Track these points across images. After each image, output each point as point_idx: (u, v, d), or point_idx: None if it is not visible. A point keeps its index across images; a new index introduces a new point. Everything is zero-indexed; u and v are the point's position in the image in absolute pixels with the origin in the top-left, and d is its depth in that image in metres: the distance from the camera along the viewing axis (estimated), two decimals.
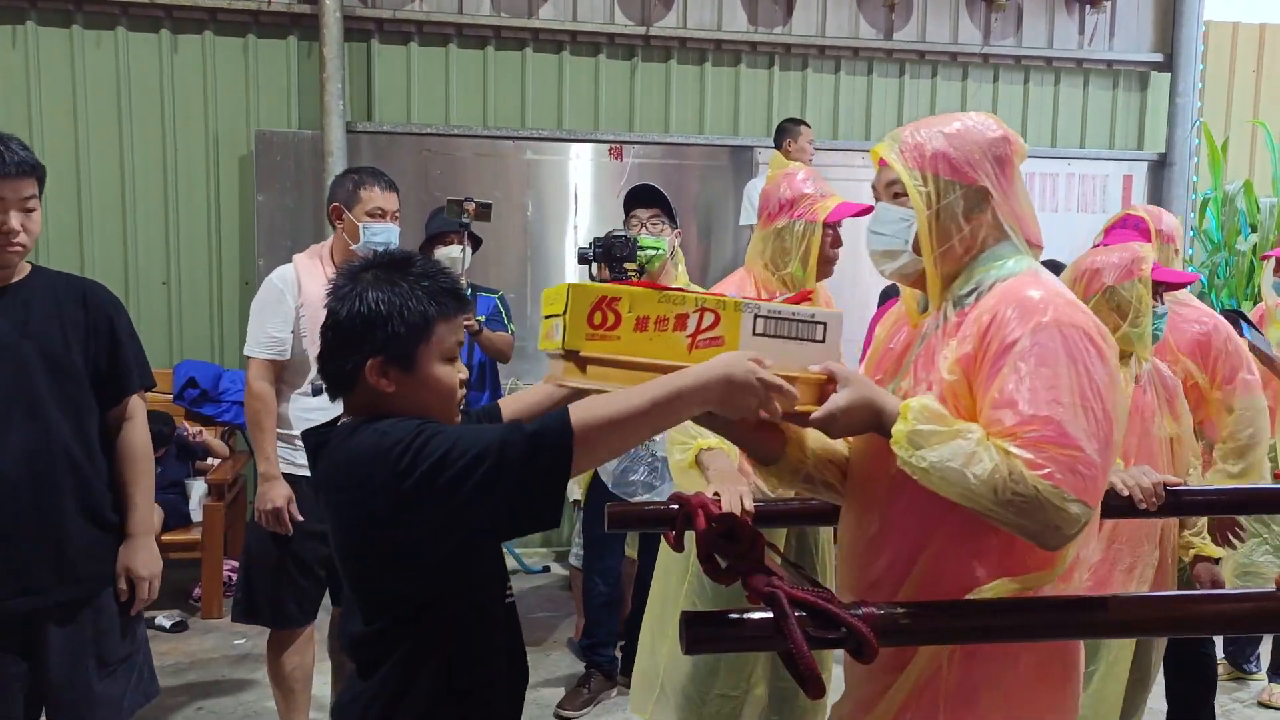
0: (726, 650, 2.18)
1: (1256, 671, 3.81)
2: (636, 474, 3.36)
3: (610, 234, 3.14)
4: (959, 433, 1.42)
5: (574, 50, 5.15)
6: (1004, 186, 1.58)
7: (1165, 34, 5.80)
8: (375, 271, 1.49)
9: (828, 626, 1.41)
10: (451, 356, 1.52)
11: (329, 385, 1.53)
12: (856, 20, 5.44)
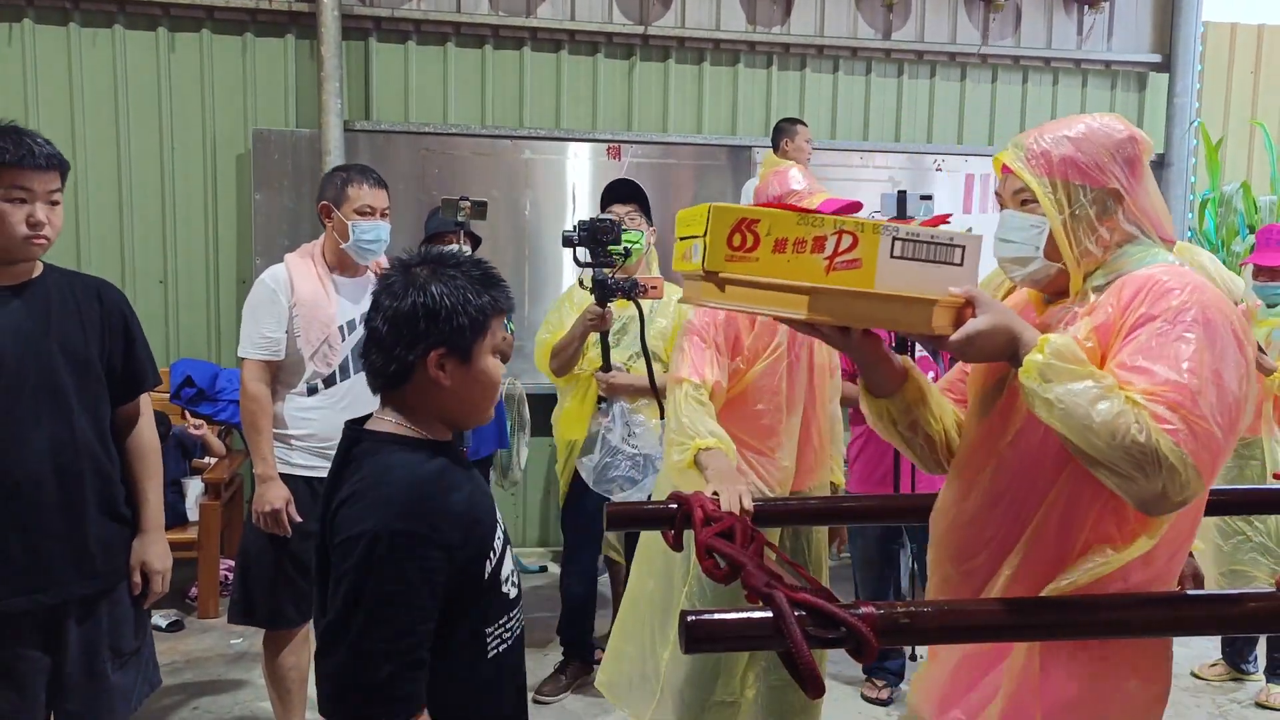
0: (725, 650, 2.17)
1: (1254, 672, 3.82)
2: (618, 470, 3.34)
3: (595, 218, 3.15)
4: (1092, 374, 1.41)
5: (572, 50, 5.14)
6: (1133, 186, 1.59)
7: (1163, 34, 5.80)
8: (430, 265, 1.52)
9: (827, 626, 1.41)
10: (499, 350, 1.56)
11: (378, 379, 1.54)
12: (855, 20, 5.44)
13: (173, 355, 4.80)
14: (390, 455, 1.49)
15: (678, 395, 2.37)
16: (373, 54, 4.95)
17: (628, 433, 3.33)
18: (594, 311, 3.21)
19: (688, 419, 2.31)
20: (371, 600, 1.39)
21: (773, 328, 2.53)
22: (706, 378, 2.40)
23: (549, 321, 3.53)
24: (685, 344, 2.48)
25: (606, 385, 3.34)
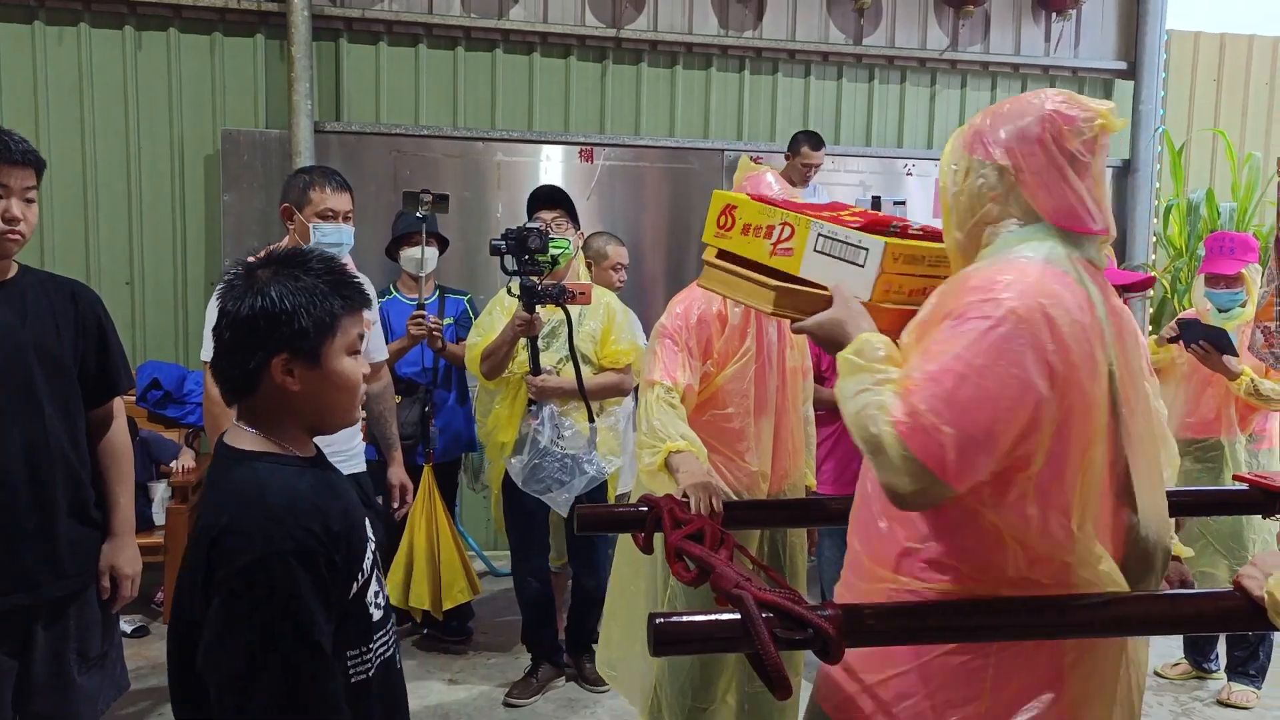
0: (694, 652, 2.18)
1: (1216, 670, 3.87)
2: (547, 471, 3.37)
3: (523, 226, 3.18)
4: (872, 370, 1.43)
5: (544, 52, 5.14)
6: (1031, 164, 1.50)
7: (1129, 42, 5.88)
8: (273, 267, 1.46)
9: (794, 627, 1.42)
10: (355, 350, 1.50)
11: (225, 388, 1.48)
12: (826, 25, 5.48)
13: (139, 358, 4.75)
14: (260, 470, 1.43)
15: (649, 398, 2.38)
16: (343, 54, 4.93)
17: (556, 435, 3.36)
18: (522, 317, 3.23)
19: (659, 422, 2.32)
20: (279, 637, 1.32)
21: (743, 331, 2.54)
22: (678, 380, 2.41)
23: (479, 325, 3.54)
24: (657, 347, 2.49)
25: (536, 389, 3.36)
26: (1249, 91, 6.35)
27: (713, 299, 2.53)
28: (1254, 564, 1.48)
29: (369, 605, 1.49)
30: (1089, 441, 1.44)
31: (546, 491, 3.39)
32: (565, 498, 3.38)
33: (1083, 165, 1.52)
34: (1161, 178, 6.07)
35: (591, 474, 3.41)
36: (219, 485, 1.45)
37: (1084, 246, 1.53)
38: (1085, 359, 1.42)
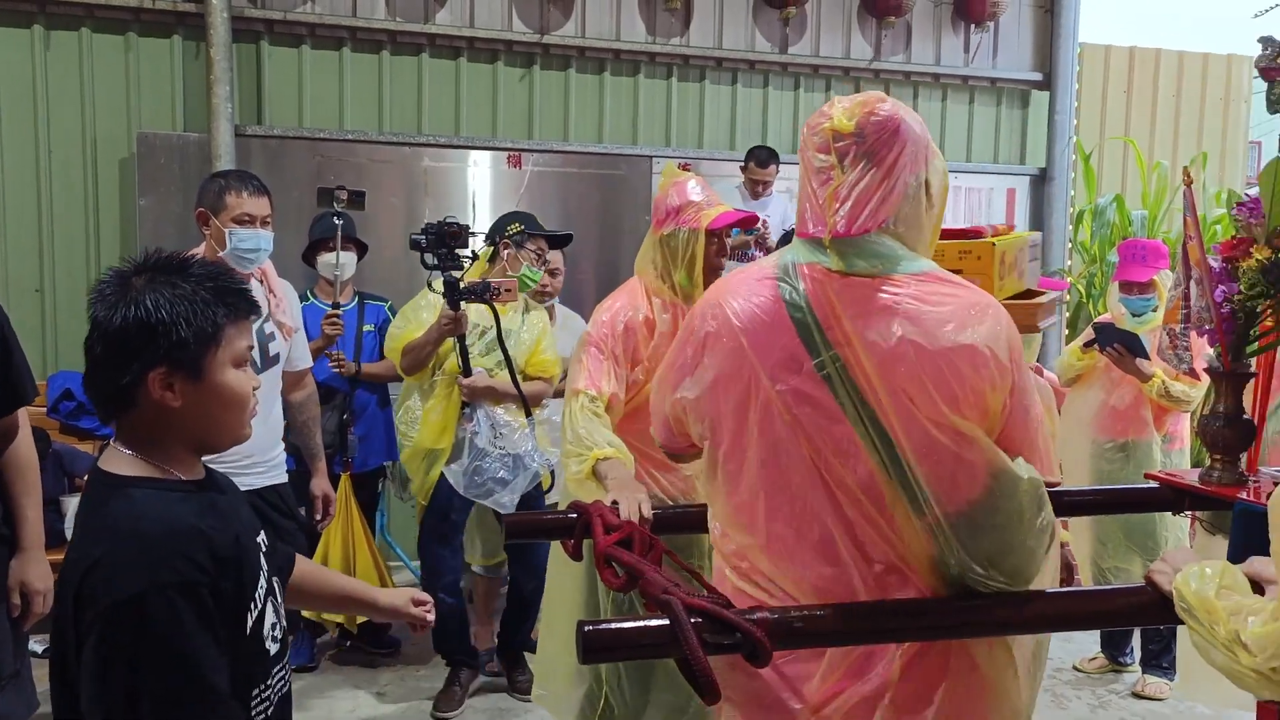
0: (622, 659, 2.18)
1: (1131, 664, 3.99)
2: (489, 472, 3.33)
3: (443, 221, 3.17)
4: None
5: (471, 57, 5.10)
6: (800, 174, 1.63)
7: (1044, 54, 6.06)
8: (150, 274, 1.35)
9: (723, 632, 1.43)
10: (242, 362, 1.40)
11: (99, 404, 1.37)
12: (753, 34, 5.53)
13: (50, 367, 4.58)
14: (139, 499, 1.32)
15: (574, 407, 2.37)
16: (265, 57, 4.82)
17: (495, 435, 3.33)
18: (448, 315, 3.21)
19: (584, 430, 2.30)
20: (158, 677, 1.23)
21: (671, 338, 2.53)
22: (603, 389, 2.40)
23: (406, 315, 3.47)
24: (583, 355, 2.48)
25: (469, 390, 3.33)
26: (1157, 102, 6.60)
27: (639, 306, 2.53)
28: (1164, 560, 1.52)
29: (265, 639, 1.40)
30: (748, 434, 1.56)
31: (489, 495, 3.34)
32: (509, 498, 3.34)
33: (821, 170, 1.55)
34: (1076, 185, 6.27)
35: (535, 469, 3.38)
36: (92, 515, 1.35)
37: (815, 250, 1.54)
38: (730, 356, 1.56)
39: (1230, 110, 6.79)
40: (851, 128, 1.52)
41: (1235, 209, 2.38)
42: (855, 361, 1.48)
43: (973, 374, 1.46)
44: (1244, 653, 1.29)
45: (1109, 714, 3.69)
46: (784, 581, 1.58)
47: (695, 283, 2.55)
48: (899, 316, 1.48)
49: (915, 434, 1.46)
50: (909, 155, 1.53)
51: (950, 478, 1.47)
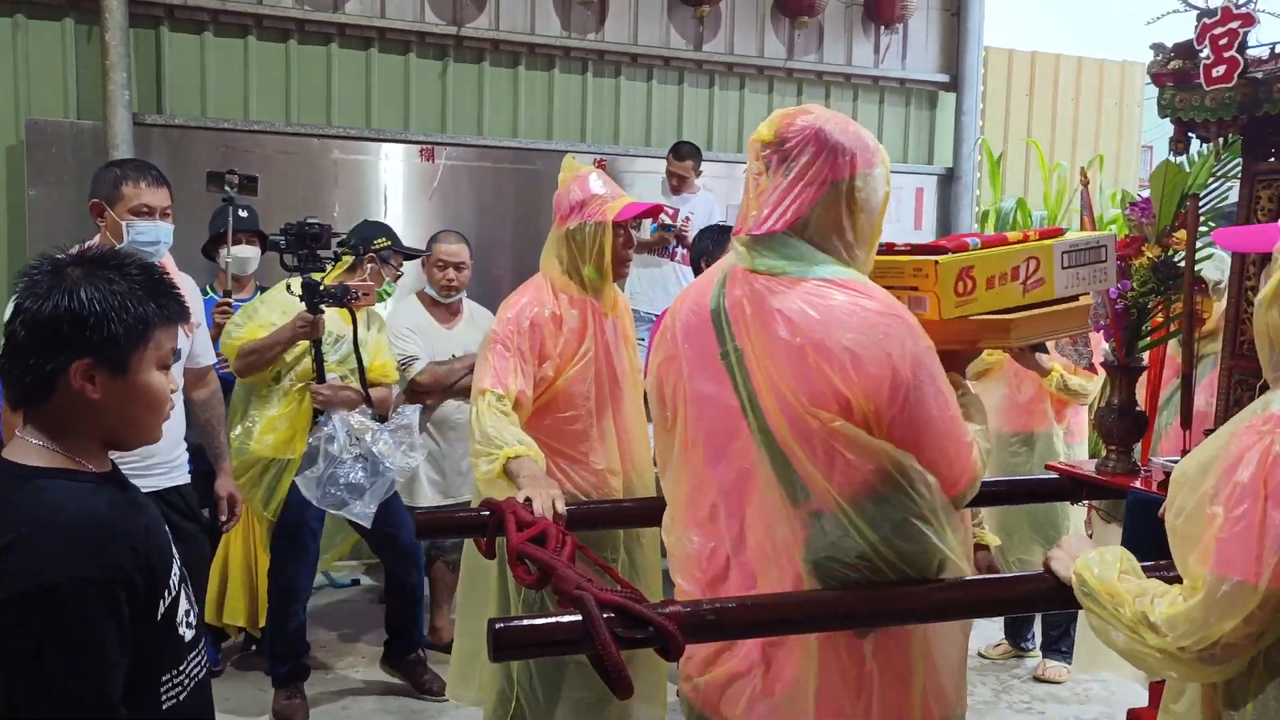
0: (534, 656, 2.16)
1: (1032, 649, 4.12)
2: (346, 477, 3.22)
3: (303, 221, 3.13)
4: None
5: (382, 48, 5.00)
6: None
7: (951, 57, 6.21)
8: (86, 266, 1.36)
9: (636, 626, 1.43)
10: (166, 364, 1.42)
11: (13, 391, 1.36)
12: (668, 30, 5.55)
13: None
14: (49, 489, 1.32)
15: (480, 406, 2.32)
16: (164, 43, 4.65)
17: (350, 441, 3.26)
18: (305, 318, 3.14)
19: (492, 429, 2.27)
20: (58, 667, 1.22)
21: (581, 333, 2.52)
22: (510, 387, 2.37)
23: (244, 313, 3.34)
24: (488, 353, 2.44)
25: (324, 398, 3.25)
26: (1057, 106, 6.83)
27: (546, 302, 2.50)
28: (1060, 547, 1.57)
29: (179, 626, 1.41)
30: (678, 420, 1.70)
31: (342, 505, 3.21)
32: (365, 507, 3.24)
33: (753, 177, 1.65)
34: (982, 185, 6.44)
35: (393, 474, 3.33)
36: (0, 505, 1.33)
37: (739, 251, 1.66)
38: (669, 345, 1.71)
39: (1125, 115, 7.06)
40: (772, 136, 1.61)
41: (1128, 209, 2.47)
42: (749, 354, 1.58)
43: (837, 376, 1.49)
44: (1151, 633, 1.34)
45: (1012, 697, 3.81)
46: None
47: (604, 276, 2.54)
48: (782, 315, 1.55)
49: (792, 426, 1.53)
50: (825, 161, 1.58)
51: (827, 471, 1.52)
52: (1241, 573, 1.26)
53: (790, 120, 1.61)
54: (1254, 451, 1.29)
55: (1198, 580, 1.31)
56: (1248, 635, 1.28)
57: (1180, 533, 1.38)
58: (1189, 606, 1.31)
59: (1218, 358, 2.43)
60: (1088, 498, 2.62)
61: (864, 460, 1.50)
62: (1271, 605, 1.26)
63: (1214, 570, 1.28)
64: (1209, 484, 1.33)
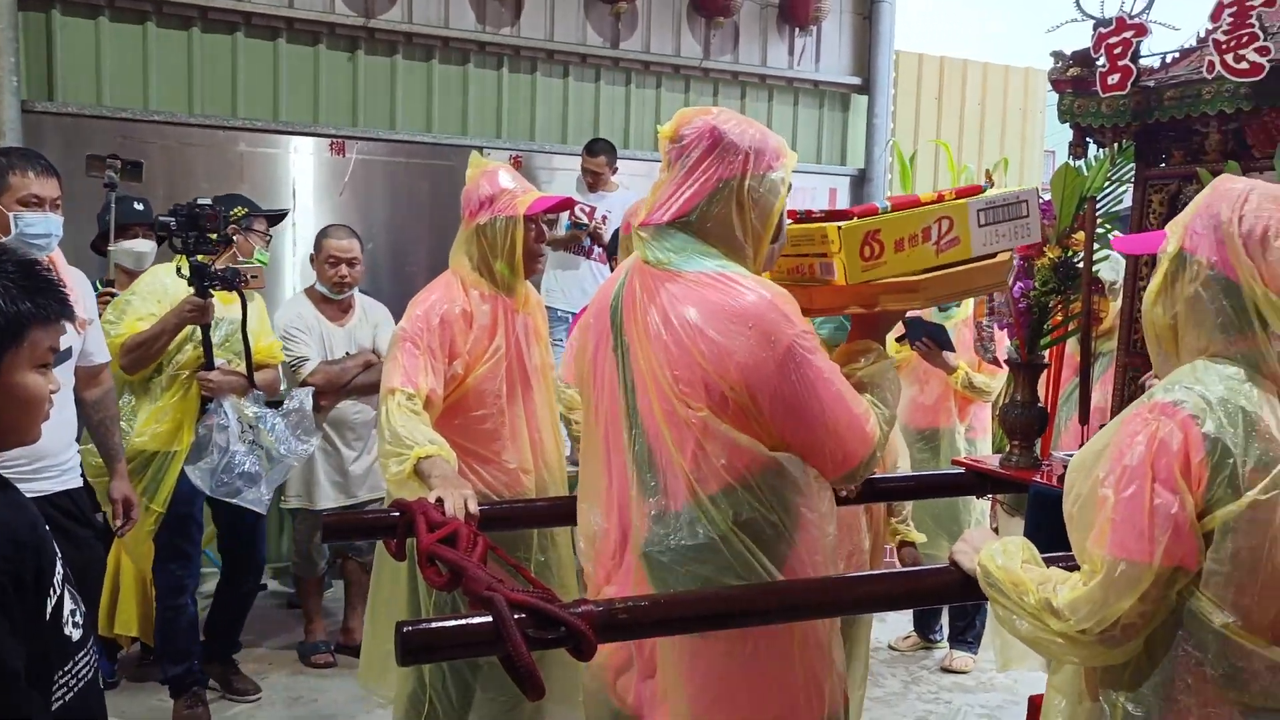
0: (445, 659, 2.13)
1: (940, 640, 4.23)
2: (239, 468, 3.17)
3: (194, 203, 3.08)
4: None
5: (290, 38, 4.87)
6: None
7: (862, 59, 6.32)
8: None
9: (547, 627, 1.41)
10: (45, 364, 1.38)
11: None
12: (584, 27, 5.53)
13: None
14: None
15: (390, 405, 2.28)
16: (56, 28, 4.45)
17: (242, 429, 3.20)
18: (194, 303, 3.08)
19: (403, 429, 2.23)
20: None
21: (491, 330, 2.49)
22: (420, 386, 2.33)
23: (116, 309, 3.24)
24: (397, 352, 2.39)
25: (213, 384, 3.20)
26: (964, 110, 7.00)
27: (456, 299, 2.47)
28: (964, 540, 1.61)
29: (64, 625, 1.37)
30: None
31: (237, 494, 3.17)
32: (260, 495, 3.20)
33: (661, 174, 1.73)
34: (893, 186, 6.57)
35: (289, 460, 3.28)
36: None
37: (637, 241, 1.72)
38: (579, 334, 1.81)
39: (1029, 120, 7.28)
40: (672, 133, 1.69)
41: None
42: (633, 346, 1.66)
43: (710, 367, 1.56)
44: (1054, 619, 1.38)
45: (921, 688, 3.89)
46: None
47: (516, 271, 2.51)
48: (659, 308, 1.62)
49: (664, 418, 1.60)
50: (717, 159, 1.64)
51: (689, 464, 1.58)
52: (1135, 553, 1.32)
53: (689, 119, 1.68)
54: (1141, 436, 1.35)
55: (1095, 563, 1.36)
56: (1144, 614, 1.34)
57: (1077, 519, 1.44)
58: (1089, 589, 1.35)
59: (1114, 356, 2.51)
60: (992, 492, 2.69)
61: (723, 453, 1.57)
62: (1164, 583, 1.32)
63: (1110, 552, 1.34)
64: (1101, 470, 1.39)
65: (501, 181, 2.52)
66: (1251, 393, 1.35)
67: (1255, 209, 1.38)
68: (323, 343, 3.78)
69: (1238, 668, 1.33)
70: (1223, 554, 1.31)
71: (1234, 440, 1.31)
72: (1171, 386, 1.38)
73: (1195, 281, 1.39)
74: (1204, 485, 1.31)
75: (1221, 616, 1.32)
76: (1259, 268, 1.36)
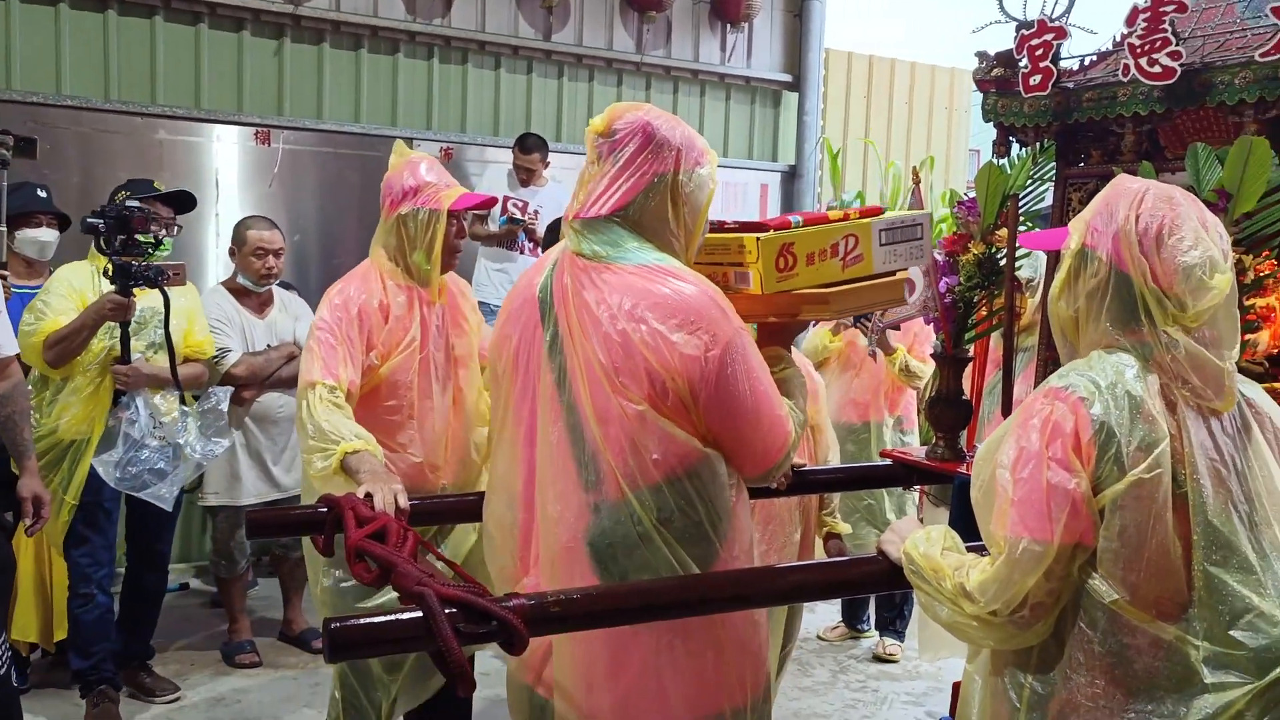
0: (374, 655, 2.11)
1: (868, 630, 4.30)
2: (146, 463, 3.13)
3: (122, 204, 3.05)
4: None
5: (213, 24, 4.74)
6: None
7: (793, 57, 6.38)
8: None
9: (478, 621, 1.40)
10: None
11: None
12: (516, 19, 5.48)
13: None
14: None
15: (311, 399, 2.23)
16: None
17: (153, 424, 3.16)
18: (115, 300, 3.05)
19: (327, 424, 2.17)
20: None
21: (407, 322, 2.44)
22: (341, 378, 2.28)
23: (36, 308, 3.18)
24: (313, 343, 2.34)
25: (127, 377, 3.16)
26: (892, 108, 7.12)
27: (373, 289, 2.42)
28: (892, 530, 1.64)
29: None
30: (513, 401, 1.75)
31: (144, 488, 3.12)
32: (168, 491, 3.16)
33: (589, 165, 1.73)
34: (823, 183, 6.66)
35: (197, 459, 3.22)
36: None
37: (569, 235, 1.72)
38: (500, 326, 1.79)
39: (954, 119, 7.43)
40: (604, 127, 1.70)
41: (955, 207, 2.60)
42: (567, 338, 1.66)
43: (652, 358, 1.58)
44: (968, 602, 1.42)
45: (849, 677, 3.96)
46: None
47: (433, 264, 2.46)
48: (599, 299, 1.63)
49: (597, 410, 1.61)
50: (651, 154, 1.68)
51: (620, 457, 1.60)
52: (1036, 531, 1.37)
53: (621, 114, 1.70)
54: (1036, 420, 1.41)
55: (1000, 543, 1.41)
56: (1051, 592, 1.39)
57: (983, 504, 1.49)
58: (995, 569, 1.40)
59: (1035, 350, 2.58)
60: (918, 483, 2.74)
61: (658, 448, 1.58)
62: (1066, 559, 1.38)
63: (1011, 532, 1.39)
64: (1001, 455, 1.45)
65: (425, 174, 2.47)
66: (1139, 379, 1.41)
67: (1151, 209, 1.44)
68: (244, 336, 3.71)
69: (1124, 644, 1.38)
70: (1112, 531, 1.37)
71: (1119, 421, 1.38)
72: (1065, 373, 1.46)
73: (1095, 277, 1.46)
74: (1093, 464, 1.37)
75: (1111, 593, 1.38)
76: (1151, 264, 1.42)
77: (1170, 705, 1.36)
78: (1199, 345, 1.42)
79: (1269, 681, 1.34)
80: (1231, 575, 1.37)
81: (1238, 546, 1.38)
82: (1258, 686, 1.34)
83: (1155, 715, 1.37)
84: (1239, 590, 1.37)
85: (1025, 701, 1.45)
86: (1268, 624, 1.35)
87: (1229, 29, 2.17)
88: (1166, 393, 1.41)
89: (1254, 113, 2.02)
